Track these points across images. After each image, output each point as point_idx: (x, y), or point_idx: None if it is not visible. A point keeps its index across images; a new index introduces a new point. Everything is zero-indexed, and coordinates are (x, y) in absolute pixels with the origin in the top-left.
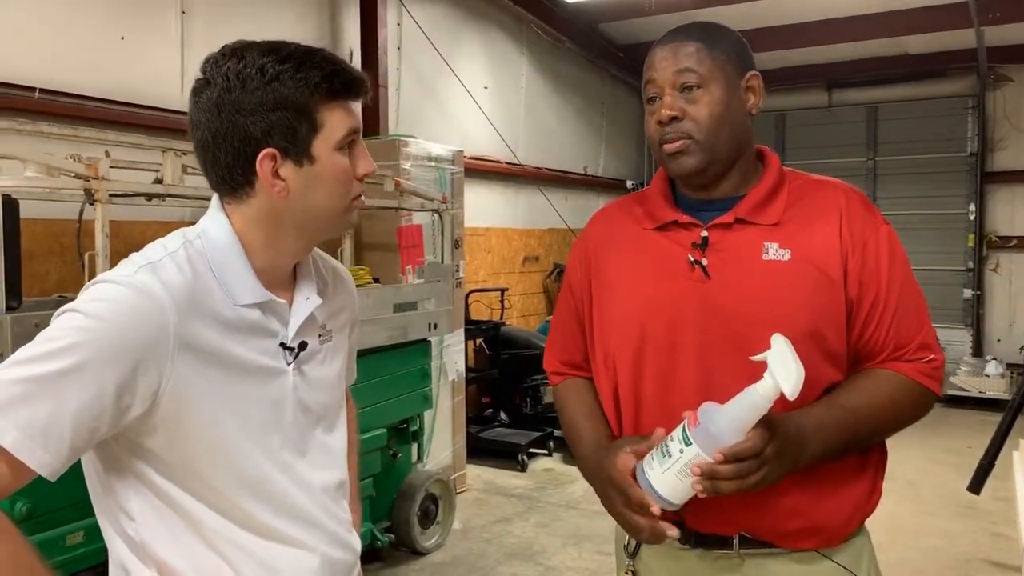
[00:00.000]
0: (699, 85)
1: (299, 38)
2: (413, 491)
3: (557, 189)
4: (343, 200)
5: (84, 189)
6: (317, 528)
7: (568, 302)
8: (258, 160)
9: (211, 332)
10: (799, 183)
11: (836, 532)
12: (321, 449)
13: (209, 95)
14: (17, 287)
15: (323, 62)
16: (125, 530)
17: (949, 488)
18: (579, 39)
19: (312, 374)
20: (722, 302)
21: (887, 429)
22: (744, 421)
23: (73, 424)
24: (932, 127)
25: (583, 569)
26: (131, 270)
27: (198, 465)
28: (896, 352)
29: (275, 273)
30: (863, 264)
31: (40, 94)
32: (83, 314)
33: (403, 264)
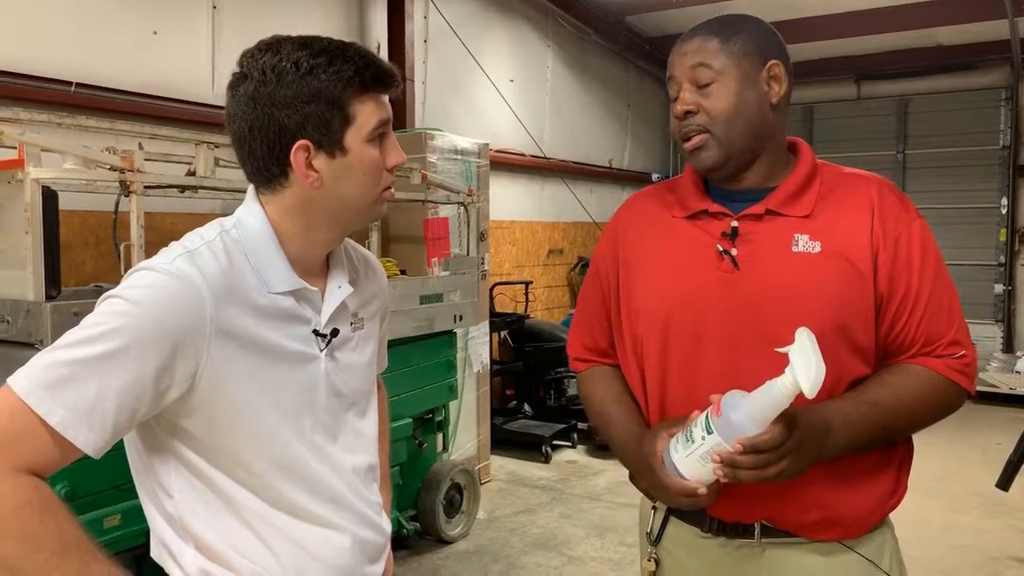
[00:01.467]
0: (713, 80)
1: (327, 32)
2: (438, 480)
3: (582, 182)
4: (374, 190)
5: (120, 181)
6: (348, 509)
7: (595, 287)
8: (292, 151)
9: (246, 318)
10: (832, 175)
11: (858, 525)
12: (353, 433)
13: (246, 88)
14: (56, 276)
15: (355, 56)
16: (165, 507)
17: (978, 485)
18: (605, 31)
19: (344, 360)
20: (750, 293)
21: (914, 425)
22: (764, 414)
23: (116, 404)
24: (963, 120)
25: (606, 560)
26: (170, 258)
27: (233, 446)
28: (926, 348)
29: (308, 262)
30: (895, 259)
31: (76, 88)
32: (125, 300)
33: (429, 256)
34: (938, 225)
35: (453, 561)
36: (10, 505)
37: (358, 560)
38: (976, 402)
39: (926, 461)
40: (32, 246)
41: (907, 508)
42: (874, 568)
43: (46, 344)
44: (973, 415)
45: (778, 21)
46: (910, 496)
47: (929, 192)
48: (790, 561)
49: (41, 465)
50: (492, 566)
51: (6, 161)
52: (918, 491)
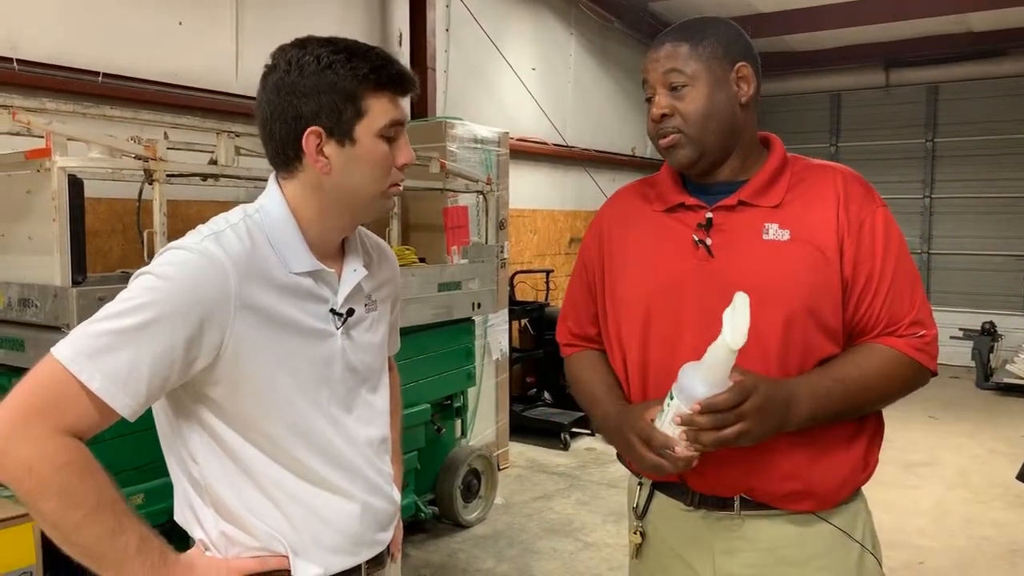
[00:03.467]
0: (685, 84)
1: (349, 20)
2: (456, 465)
3: (604, 171)
4: (380, 184)
5: (143, 169)
6: (359, 478)
7: (582, 278)
8: (305, 136)
9: (268, 295)
10: (801, 167)
11: (829, 496)
12: (366, 406)
13: (273, 78)
14: (82, 262)
15: (375, 56)
16: (190, 472)
17: (1001, 477)
18: (628, 19)
19: (359, 338)
20: (724, 279)
21: (878, 399)
22: (712, 375)
23: (149, 371)
24: (995, 107)
25: (622, 546)
26: (198, 238)
27: (254, 414)
28: (889, 327)
29: (325, 246)
30: (859, 244)
31: (103, 78)
32: (157, 276)
33: (448, 244)
34: (966, 214)
35: (470, 545)
36: (53, 465)
37: (368, 526)
38: (1002, 394)
39: (949, 452)
40: (59, 233)
41: (929, 499)
42: (847, 538)
43: (72, 328)
44: (999, 407)
45: (804, 8)
46: (931, 486)
47: (959, 181)
48: (766, 531)
49: (82, 428)
50: (508, 550)
51: (34, 150)
52: (940, 482)
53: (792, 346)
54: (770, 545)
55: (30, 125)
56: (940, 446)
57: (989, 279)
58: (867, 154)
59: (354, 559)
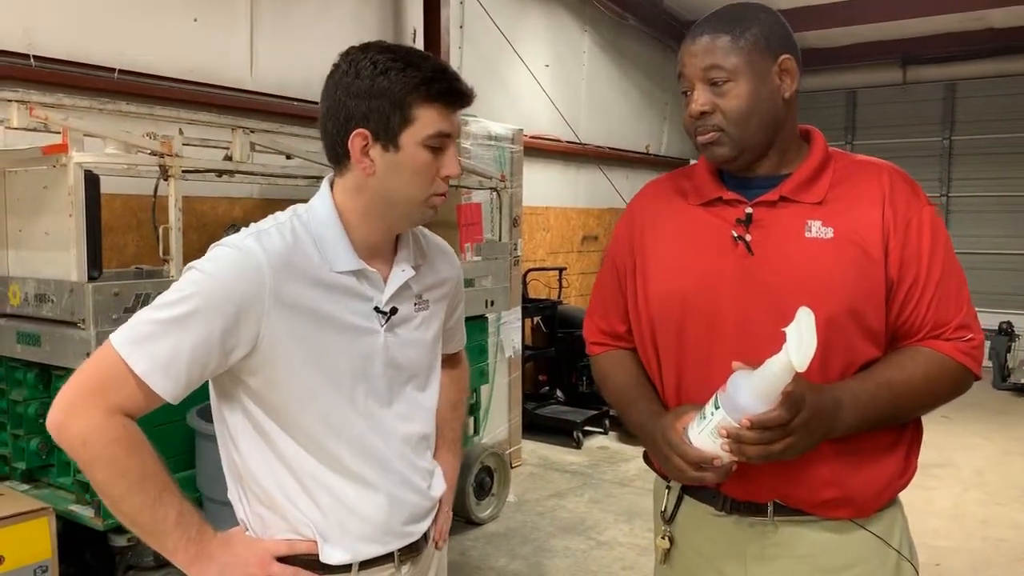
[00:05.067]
0: (727, 79)
1: (363, 16)
2: (469, 463)
3: (618, 168)
4: (421, 192)
5: (159, 165)
6: (390, 471)
7: (611, 273)
8: (351, 137)
9: (306, 291)
10: (844, 163)
11: (868, 503)
12: (409, 403)
13: (334, 77)
14: (98, 258)
15: (429, 68)
16: (231, 455)
17: (1018, 479)
18: (643, 15)
19: (406, 336)
20: (764, 277)
21: (923, 405)
22: (765, 390)
23: (188, 358)
24: (1014, 105)
25: (634, 545)
26: (242, 236)
27: (288, 404)
28: (935, 331)
29: (373, 245)
30: (905, 245)
31: (119, 75)
32: (199, 271)
33: (462, 241)
34: (983, 212)
35: (483, 542)
36: (105, 439)
37: (397, 518)
38: (1018, 395)
39: (966, 453)
40: (75, 229)
41: (945, 500)
42: (884, 545)
43: (88, 323)
44: (1017, 408)
45: (820, 4)
46: (948, 487)
47: (975, 179)
48: (802, 538)
49: (131, 407)
50: (521, 548)
51: (51, 146)
52: (957, 483)
53: (834, 349)
54: (806, 552)
55: (47, 121)
56: (955, 447)
57: (1006, 278)
58: (883, 152)
59: (383, 548)
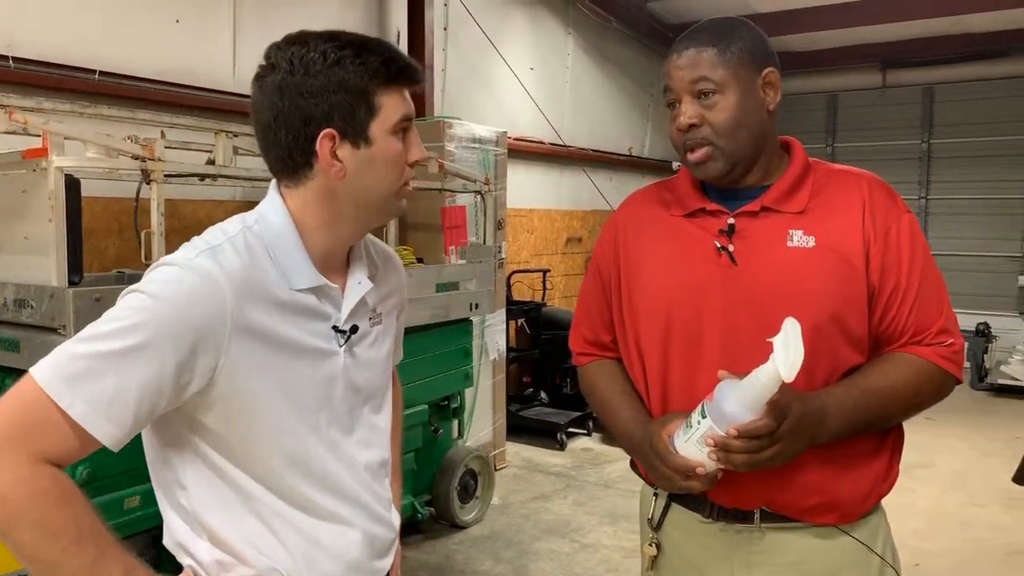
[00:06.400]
0: (715, 91)
1: (347, 19)
2: (453, 466)
3: (602, 170)
4: (395, 183)
5: (141, 169)
6: (359, 505)
7: (596, 284)
8: (318, 140)
9: (266, 315)
10: (824, 172)
11: (853, 509)
12: (368, 428)
13: (273, 79)
14: (78, 263)
15: (381, 49)
16: (179, 500)
17: (996, 479)
18: (627, 19)
19: (363, 355)
20: (747, 287)
21: (906, 409)
22: (752, 399)
23: (136, 398)
24: (991, 109)
25: (618, 547)
26: (192, 253)
27: (249, 440)
28: (916, 336)
29: (330, 258)
30: (885, 252)
31: (100, 76)
32: (146, 295)
33: (446, 244)
34: (962, 215)
35: (467, 546)
36: (28, 494)
37: (367, 555)
38: (996, 395)
39: (947, 454)
40: (55, 233)
41: (926, 501)
42: (868, 551)
43: (68, 329)
44: (995, 408)
45: (802, 8)
46: (929, 489)
47: (954, 182)
48: (788, 545)
49: (60, 455)
50: (505, 551)
51: (30, 150)
52: (937, 484)
53: (818, 356)
54: (792, 559)
55: (27, 124)
56: (935, 448)
57: (984, 280)
58: (863, 155)
59: None
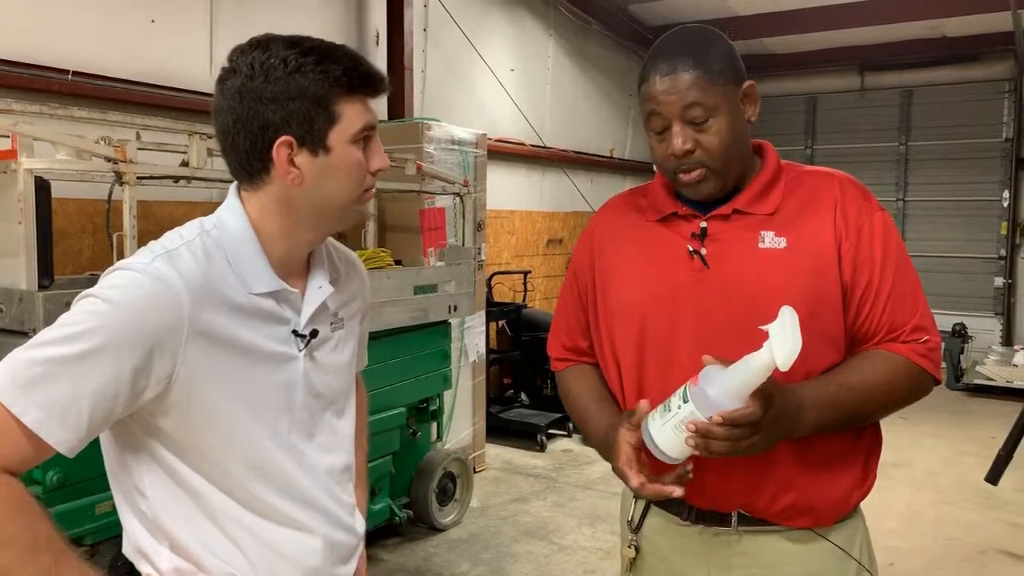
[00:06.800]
0: (708, 117)
1: (326, 20)
2: (431, 469)
3: (583, 172)
4: (355, 191)
5: (113, 172)
6: (320, 511)
7: (573, 290)
8: (275, 147)
9: (224, 319)
10: (796, 174)
11: (829, 512)
12: (330, 432)
13: (233, 83)
14: (49, 266)
15: (344, 57)
16: (139, 506)
17: (970, 478)
18: (608, 20)
19: (324, 360)
20: (720, 290)
21: (883, 406)
22: (740, 388)
23: (91, 404)
24: (967, 112)
25: (596, 549)
26: (148, 258)
27: (208, 447)
28: (891, 334)
29: (289, 262)
30: (857, 249)
31: (73, 76)
32: (101, 299)
33: (425, 246)
34: (939, 217)
35: (445, 548)
36: None
37: (329, 561)
38: (972, 394)
39: (919, 453)
40: (25, 236)
41: (898, 499)
42: (845, 556)
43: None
44: (970, 408)
45: (783, 11)
46: (902, 487)
47: (931, 184)
48: (765, 548)
49: (13, 463)
50: (483, 554)
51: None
52: (910, 483)
53: None
54: (768, 562)
55: None
56: (911, 447)
57: (960, 281)
58: (842, 157)
59: None
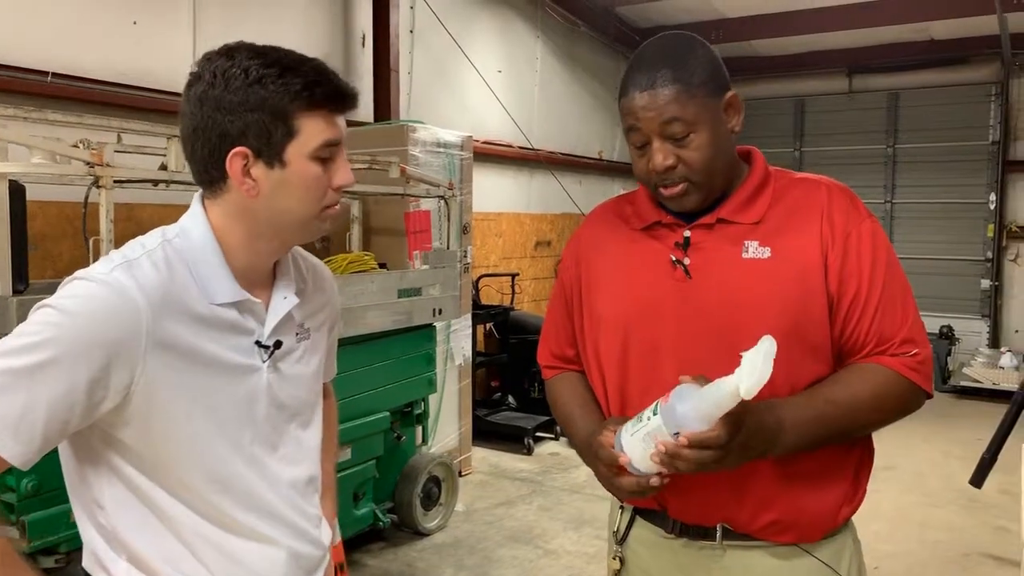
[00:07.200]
0: (688, 132)
1: (312, 22)
2: (416, 473)
3: (571, 174)
4: (313, 207)
5: (90, 175)
6: (283, 523)
7: (560, 298)
8: (228, 157)
9: (185, 330)
10: (784, 182)
11: (815, 528)
12: (294, 444)
13: (196, 89)
14: (23, 271)
15: (309, 71)
16: (97, 518)
17: (956, 480)
18: (595, 22)
19: (288, 371)
20: (702, 300)
21: (871, 422)
22: (708, 410)
23: (45, 417)
24: (954, 114)
25: (581, 553)
26: (107, 268)
27: (168, 458)
28: (880, 347)
29: (253, 272)
30: (844, 259)
31: (53, 78)
32: (57, 310)
33: (410, 249)
34: (926, 219)
35: (429, 553)
36: None
37: (293, 573)
38: (959, 397)
39: (905, 455)
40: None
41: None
42: (831, 573)
43: None
44: (956, 410)
45: (772, 13)
46: (888, 490)
47: (918, 186)
48: (750, 563)
49: None
50: (468, 559)
51: None
52: (896, 486)
53: (778, 367)
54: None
55: None
56: (898, 450)
57: (947, 283)
58: (830, 159)
59: None
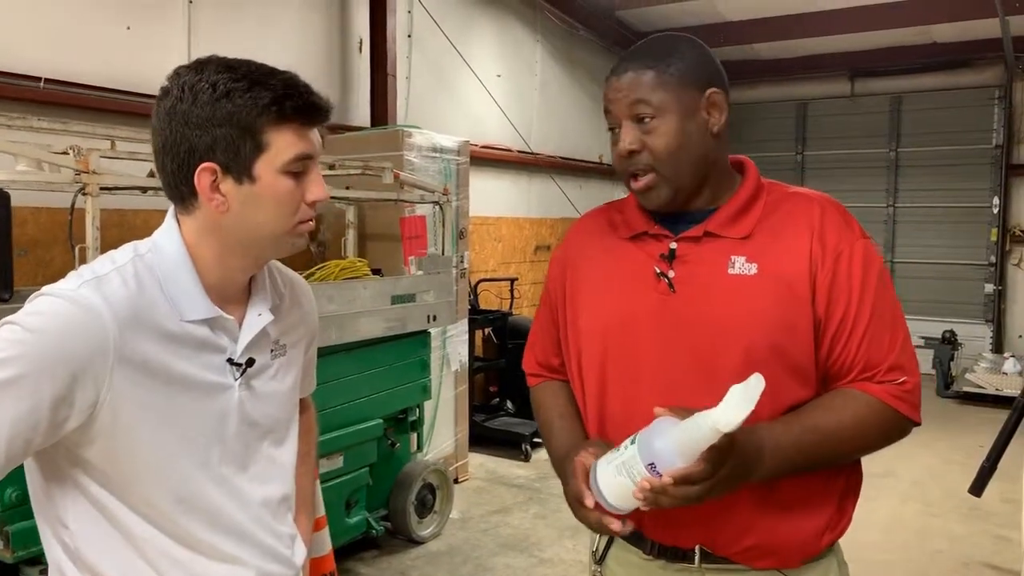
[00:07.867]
0: (653, 116)
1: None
2: (410, 480)
3: (571, 178)
4: (286, 222)
5: (76, 182)
6: (252, 544)
7: (547, 306)
8: (197, 172)
9: (154, 347)
10: (777, 196)
11: (796, 553)
12: (266, 462)
13: (165, 104)
14: (9, 279)
15: (278, 84)
16: (62, 537)
17: (956, 489)
18: (595, 26)
19: (261, 389)
20: (685, 315)
21: (853, 450)
22: (688, 445)
23: (8, 435)
24: (957, 118)
25: (576, 562)
26: (75, 284)
27: (134, 477)
28: (866, 372)
29: (227, 288)
30: (833, 279)
31: (46, 84)
32: (21, 327)
33: (406, 255)
34: (928, 223)
35: (423, 562)
36: None
37: None
38: (961, 403)
39: (905, 463)
40: None
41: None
42: None
43: None
44: (958, 416)
45: (773, 17)
46: (886, 498)
47: (921, 190)
48: None
49: None
50: (462, 567)
51: None
52: (895, 494)
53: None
54: None
55: None
56: (898, 456)
57: (950, 288)
58: (832, 163)
59: None
